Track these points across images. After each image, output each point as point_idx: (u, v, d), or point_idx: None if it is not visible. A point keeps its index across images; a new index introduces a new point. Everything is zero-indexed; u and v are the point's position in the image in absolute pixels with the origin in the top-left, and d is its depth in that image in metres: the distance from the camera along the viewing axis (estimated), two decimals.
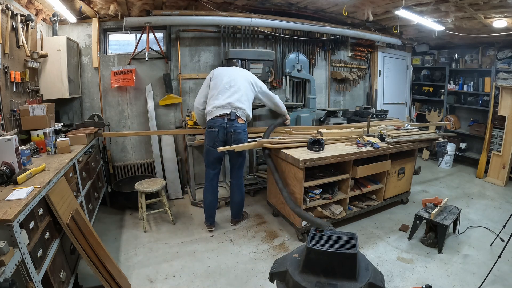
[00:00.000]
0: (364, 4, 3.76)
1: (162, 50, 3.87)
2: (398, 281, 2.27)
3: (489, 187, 4.26)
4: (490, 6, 3.32)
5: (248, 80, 2.94)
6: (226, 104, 2.77)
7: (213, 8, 3.67)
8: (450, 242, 2.77)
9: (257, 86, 3.00)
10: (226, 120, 2.76)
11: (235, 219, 3.17)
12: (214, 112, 2.79)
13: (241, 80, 2.89)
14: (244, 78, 2.92)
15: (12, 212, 1.29)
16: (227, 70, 2.97)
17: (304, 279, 1.39)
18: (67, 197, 1.93)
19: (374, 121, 4.08)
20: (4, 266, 1.17)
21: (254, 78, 3.01)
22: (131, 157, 4.01)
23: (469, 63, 5.30)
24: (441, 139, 3.53)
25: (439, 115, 5.55)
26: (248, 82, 2.93)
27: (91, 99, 3.79)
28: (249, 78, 2.96)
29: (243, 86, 2.87)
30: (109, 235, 2.94)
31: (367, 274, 1.42)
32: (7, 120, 2.37)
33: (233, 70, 2.98)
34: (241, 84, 2.86)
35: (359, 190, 3.16)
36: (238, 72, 2.95)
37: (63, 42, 3.08)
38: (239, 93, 2.82)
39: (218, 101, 2.79)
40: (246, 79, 2.93)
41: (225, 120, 2.76)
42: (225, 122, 2.76)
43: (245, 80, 2.91)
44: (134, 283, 2.23)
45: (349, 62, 5.10)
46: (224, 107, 2.77)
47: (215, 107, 2.79)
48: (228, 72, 2.94)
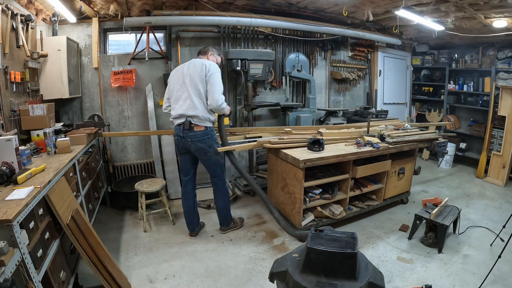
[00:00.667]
0: (364, 4, 3.77)
1: (162, 50, 3.87)
2: (398, 281, 2.27)
3: (489, 187, 4.26)
4: (490, 6, 3.32)
5: (200, 75, 2.58)
6: (180, 114, 2.62)
7: (213, 8, 3.67)
8: (450, 242, 2.77)
9: (207, 75, 2.59)
10: (182, 129, 2.63)
11: (223, 226, 2.99)
12: (174, 121, 2.71)
13: (191, 81, 2.59)
14: (196, 75, 2.58)
15: (12, 212, 1.29)
16: (180, 70, 2.69)
17: (304, 279, 1.39)
18: (67, 197, 1.93)
19: (374, 121, 4.08)
20: (4, 266, 1.17)
21: (207, 68, 2.59)
22: (131, 157, 4.01)
23: (469, 63, 5.30)
24: (441, 139, 3.53)
25: (439, 115, 5.55)
26: (200, 78, 2.58)
27: (91, 99, 3.79)
28: (201, 72, 2.58)
29: (194, 89, 2.58)
30: (109, 235, 2.94)
31: (367, 273, 1.42)
32: (7, 120, 2.37)
33: (187, 68, 2.65)
34: (190, 87, 2.58)
35: (359, 190, 3.16)
36: (191, 70, 2.61)
37: (63, 42, 3.08)
38: (190, 99, 2.58)
39: (174, 111, 2.67)
40: (198, 75, 2.58)
41: (181, 129, 2.63)
42: (181, 131, 2.64)
43: (197, 78, 2.58)
44: (134, 283, 2.23)
45: (349, 62, 5.10)
46: (179, 116, 2.63)
47: (173, 117, 2.69)
48: (181, 73, 2.66)
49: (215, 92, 2.57)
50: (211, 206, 3.54)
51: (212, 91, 2.57)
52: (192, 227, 2.92)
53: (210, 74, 2.57)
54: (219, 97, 2.58)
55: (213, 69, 2.59)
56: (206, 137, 2.65)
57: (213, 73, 2.57)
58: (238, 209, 3.53)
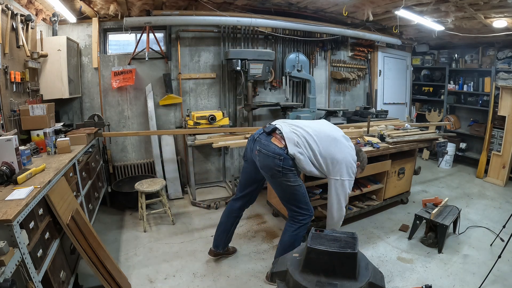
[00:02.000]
0: (364, 4, 3.77)
1: (162, 50, 3.87)
2: (398, 281, 2.27)
3: (489, 187, 4.26)
4: (490, 6, 3.32)
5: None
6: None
7: (213, 8, 3.67)
8: (450, 242, 2.77)
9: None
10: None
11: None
12: None
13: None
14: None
15: (12, 212, 1.29)
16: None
17: (305, 278, 1.39)
18: (67, 197, 1.93)
19: (374, 121, 4.08)
20: (4, 266, 1.16)
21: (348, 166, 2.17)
22: (131, 157, 4.01)
23: (469, 63, 5.30)
24: (441, 139, 3.53)
25: (439, 115, 5.55)
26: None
27: (91, 99, 3.78)
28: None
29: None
30: (109, 235, 2.94)
31: (367, 273, 1.42)
32: (7, 120, 2.37)
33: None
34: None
35: (359, 190, 3.15)
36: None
37: (63, 42, 3.08)
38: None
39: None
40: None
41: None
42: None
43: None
44: (134, 283, 2.23)
45: (349, 62, 5.09)
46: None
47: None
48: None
49: (341, 202, 2.15)
50: (210, 206, 3.54)
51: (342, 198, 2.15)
52: (216, 244, 2.52)
53: (345, 179, 2.13)
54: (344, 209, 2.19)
55: (344, 173, 2.10)
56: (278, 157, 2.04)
57: (344, 180, 2.11)
58: None
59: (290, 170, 2.05)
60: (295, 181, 2.09)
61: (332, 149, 2.09)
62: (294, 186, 2.09)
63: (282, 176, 2.04)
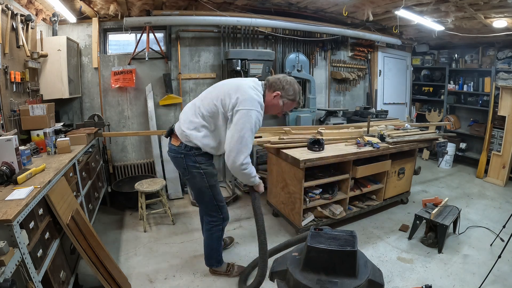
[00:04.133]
0: (364, 4, 3.77)
1: (162, 50, 3.87)
2: (398, 281, 2.27)
3: (489, 187, 4.26)
4: (490, 6, 3.32)
5: (223, 97, 1.89)
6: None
7: (213, 8, 3.67)
8: (450, 242, 2.77)
9: (235, 106, 1.82)
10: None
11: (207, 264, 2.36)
12: None
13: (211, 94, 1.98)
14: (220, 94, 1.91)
15: (12, 212, 1.29)
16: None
17: (305, 277, 1.39)
18: (67, 197, 1.93)
19: (374, 121, 4.08)
20: (4, 266, 1.16)
21: (244, 97, 1.82)
22: (131, 157, 4.01)
23: (469, 63, 5.30)
24: (441, 139, 3.53)
25: (439, 115, 5.55)
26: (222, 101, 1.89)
27: (91, 99, 3.79)
28: (227, 96, 1.88)
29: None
30: (109, 235, 2.94)
31: (367, 271, 1.43)
32: (7, 120, 2.37)
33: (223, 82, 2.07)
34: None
35: (359, 190, 3.16)
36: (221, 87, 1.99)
37: (63, 42, 3.08)
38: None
39: None
40: (221, 96, 1.90)
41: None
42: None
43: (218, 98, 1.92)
44: (134, 283, 2.23)
45: (349, 62, 5.10)
46: None
47: None
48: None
49: (238, 138, 1.79)
50: None
51: (237, 135, 1.79)
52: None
53: (242, 108, 1.80)
54: (243, 149, 1.79)
55: (252, 104, 1.80)
56: (179, 156, 2.01)
57: (249, 109, 1.79)
58: (237, 209, 3.53)
59: (194, 167, 2.00)
60: (202, 181, 2.03)
61: (226, 89, 1.90)
62: (201, 186, 2.06)
63: (188, 174, 2.05)
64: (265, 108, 1.92)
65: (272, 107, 1.98)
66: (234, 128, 1.81)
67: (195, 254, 2.63)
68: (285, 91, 1.94)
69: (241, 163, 1.81)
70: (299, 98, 2.02)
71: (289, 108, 2.04)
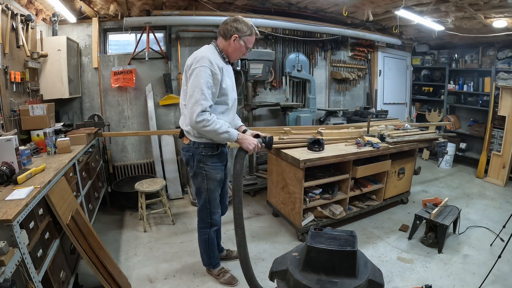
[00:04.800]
0: (364, 4, 3.77)
1: (162, 50, 3.87)
2: (398, 281, 2.27)
3: (489, 187, 4.26)
4: (490, 6, 3.32)
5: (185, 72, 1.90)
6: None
7: (213, 8, 3.67)
8: (450, 242, 2.77)
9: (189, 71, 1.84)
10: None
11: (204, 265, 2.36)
12: None
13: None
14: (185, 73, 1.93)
15: (12, 212, 1.29)
16: None
17: (305, 277, 1.39)
18: (67, 197, 1.93)
19: (374, 121, 4.08)
20: (4, 266, 1.16)
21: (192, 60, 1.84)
22: (131, 157, 4.01)
23: (469, 63, 5.31)
24: (441, 139, 3.53)
25: (439, 115, 5.55)
26: (185, 76, 1.90)
27: (91, 99, 3.79)
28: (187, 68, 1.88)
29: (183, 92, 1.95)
30: (109, 235, 2.94)
31: (367, 271, 1.43)
32: (7, 120, 2.37)
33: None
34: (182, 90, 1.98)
35: (359, 190, 3.16)
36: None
37: (63, 42, 3.08)
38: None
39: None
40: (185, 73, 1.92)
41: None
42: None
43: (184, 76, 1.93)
44: (134, 283, 2.23)
45: (349, 62, 5.10)
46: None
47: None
48: None
49: (190, 98, 1.76)
50: None
51: (189, 96, 1.78)
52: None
53: (191, 69, 1.80)
54: (194, 107, 1.72)
55: (198, 62, 1.77)
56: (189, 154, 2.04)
57: (195, 67, 1.76)
58: None
59: (198, 166, 2.00)
60: (202, 182, 2.04)
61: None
62: (200, 187, 2.06)
63: (192, 171, 2.06)
64: (231, 55, 1.95)
65: (236, 51, 1.94)
66: (188, 91, 1.80)
67: (195, 254, 2.62)
68: (240, 32, 1.90)
69: (196, 121, 1.73)
70: (255, 30, 1.96)
71: (251, 43, 1.98)
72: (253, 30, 1.94)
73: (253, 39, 1.97)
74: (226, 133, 1.81)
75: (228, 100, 1.94)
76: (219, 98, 1.88)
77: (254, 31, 1.95)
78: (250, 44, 1.97)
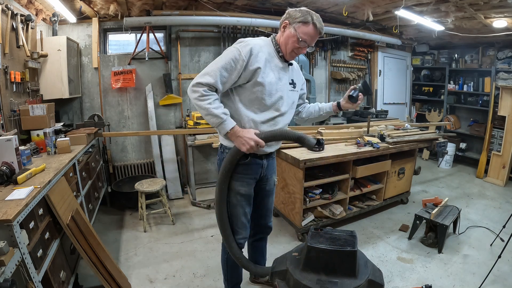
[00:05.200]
0: (364, 4, 3.77)
1: (162, 50, 3.87)
2: (398, 281, 2.27)
3: (489, 187, 4.26)
4: (490, 6, 3.32)
5: None
6: None
7: (213, 8, 3.67)
8: (450, 242, 2.77)
9: None
10: None
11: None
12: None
13: None
14: None
15: (12, 212, 1.29)
16: None
17: (305, 277, 1.39)
18: (67, 197, 1.93)
19: (374, 121, 4.08)
20: (4, 266, 1.16)
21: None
22: (131, 157, 4.01)
23: (469, 63, 5.30)
24: (441, 139, 3.53)
25: (439, 115, 5.55)
26: None
27: (91, 99, 3.79)
28: None
29: None
30: (109, 235, 2.94)
31: (367, 271, 1.43)
32: (7, 120, 2.37)
33: None
34: None
35: (359, 190, 3.16)
36: None
37: (63, 42, 3.08)
38: None
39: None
40: None
41: None
42: None
43: None
44: (134, 283, 2.23)
45: (349, 62, 5.10)
46: None
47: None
48: None
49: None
50: (210, 206, 3.54)
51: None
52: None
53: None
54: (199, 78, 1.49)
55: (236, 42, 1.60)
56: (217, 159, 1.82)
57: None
58: None
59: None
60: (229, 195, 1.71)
61: None
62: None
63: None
64: (282, 47, 1.61)
65: (288, 40, 1.58)
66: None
67: (195, 254, 2.63)
68: (291, 17, 1.58)
69: (191, 86, 1.49)
70: (314, 19, 1.54)
71: (306, 34, 1.55)
72: (309, 17, 1.54)
73: (308, 29, 1.54)
74: (216, 117, 1.48)
75: (265, 98, 1.56)
76: (251, 92, 1.56)
77: (310, 19, 1.54)
78: (303, 34, 1.54)
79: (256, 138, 1.50)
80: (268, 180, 1.84)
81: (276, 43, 1.65)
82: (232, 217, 1.75)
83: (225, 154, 1.69)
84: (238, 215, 1.75)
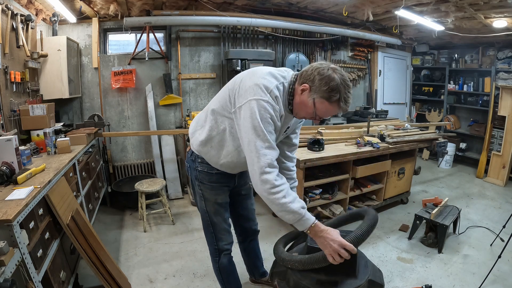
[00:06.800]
0: (364, 4, 3.77)
1: (162, 50, 3.87)
2: (398, 281, 2.27)
3: (489, 187, 4.25)
4: (490, 6, 3.32)
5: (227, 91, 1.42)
6: None
7: (213, 8, 3.67)
8: (450, 242, 2.77)
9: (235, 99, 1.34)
10: None
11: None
12: None
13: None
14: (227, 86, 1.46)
15: (12, 212, 1.29)
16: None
17: (305, 277, 1.39)
18: (67, 197, 1.93)
19: (374, 121, 4.08)
20: (4, 266, 1.16)
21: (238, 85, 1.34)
22: (131, 157, 4.01)
23: (469, 63, 5.30)
24: (441, 139, 3.53)
25: (439, 115, 5.55)
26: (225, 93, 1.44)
27: (91, 99, 3.79)
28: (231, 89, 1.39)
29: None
30: (109, 235, 2.94)
31: (367, 271, 1.42)
32: (7, 120, 2.37)
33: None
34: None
35: (359, 190, 3.16)
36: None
37: (63, 42, 3.08)
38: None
39: None
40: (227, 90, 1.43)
41: None
42: None
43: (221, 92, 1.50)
44: (134, 283, 2.23)
45: (349, 62, 5.10)
46: None
47: None
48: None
49: (251, 150, 1.27)
50: None
51: (245, 146, 1.31)
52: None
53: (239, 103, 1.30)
54: (256, 159, 1.25)
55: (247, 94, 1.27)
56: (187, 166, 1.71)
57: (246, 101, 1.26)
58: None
59: (195, 184, 1.66)
60: (200, 202, 1.69)
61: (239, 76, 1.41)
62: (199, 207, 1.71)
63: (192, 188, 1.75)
64: (294, 108, 1.37)
65: (301, 106, 1.33)
66: (242, 136, 1.30)
67: (195, 254, 2.63)
68: (315, 85, 1.26)
69: (261, 180, 1.24)
70: (341, 99, 1.26)
71: (324, 112, 1.31)
72: (336, 95, 1.25)
73: (330, 108, 1.29)
74: (293, 213, 1.25)
75: None
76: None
77: (335, 98, 1.25)
78: (322, 112, 1.31)
79: (345, 243, 1.25)
80: (243, 186, 1.83)
81: (290, 93, 1.35)
82: (214, 225, 1.73)
83: (197, 163, 1.57)
84: (219, 222, 1.73)
